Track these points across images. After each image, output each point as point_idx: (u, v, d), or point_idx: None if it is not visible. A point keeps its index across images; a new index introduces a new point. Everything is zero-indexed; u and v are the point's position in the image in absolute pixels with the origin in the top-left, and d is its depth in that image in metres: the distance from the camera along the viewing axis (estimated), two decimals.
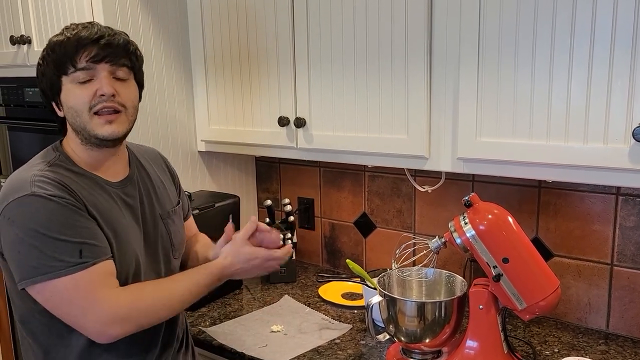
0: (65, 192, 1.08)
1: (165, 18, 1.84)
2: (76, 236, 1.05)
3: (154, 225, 1.26)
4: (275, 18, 1.65)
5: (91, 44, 1.09)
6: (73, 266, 1.03)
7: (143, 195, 1.26)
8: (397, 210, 1.87)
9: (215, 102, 1.87)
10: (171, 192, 1.37)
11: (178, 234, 1.32)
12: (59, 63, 1.10)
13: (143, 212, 1.24)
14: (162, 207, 1.30)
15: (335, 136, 1.59)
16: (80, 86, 1.10)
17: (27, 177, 1.08)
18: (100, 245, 1.08)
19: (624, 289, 1.50)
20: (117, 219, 1.16)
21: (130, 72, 1.17)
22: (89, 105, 1.11)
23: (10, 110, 2.07)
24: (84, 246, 1.05)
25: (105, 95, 1.10)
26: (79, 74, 1.10)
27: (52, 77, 1.12)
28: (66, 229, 1.04)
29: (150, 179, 1.31)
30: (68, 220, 1.05)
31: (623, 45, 1.11)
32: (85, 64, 1.09)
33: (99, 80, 1.10)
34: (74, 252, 1.04)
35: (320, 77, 1.59)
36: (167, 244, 1.28)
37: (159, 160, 1.40)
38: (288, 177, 2.16)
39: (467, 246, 1.25)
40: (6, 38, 1.94)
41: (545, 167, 1.26)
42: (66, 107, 1.13)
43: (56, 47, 1.11)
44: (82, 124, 1.12)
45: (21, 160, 2.06)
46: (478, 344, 1.28)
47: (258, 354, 1.44)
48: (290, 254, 1.30)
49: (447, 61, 1.36)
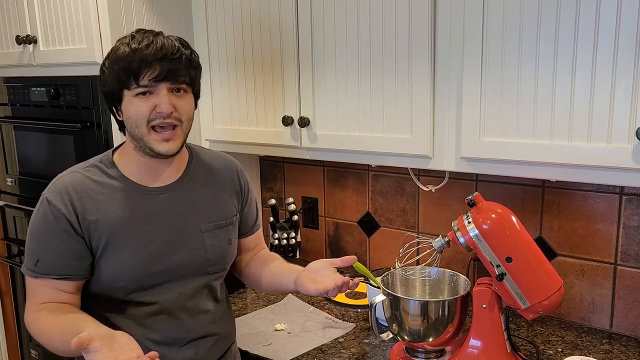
0: (64, 202, 1.16)
1: (170, 18, 1.85)
2: (39, 248, 1.17)
3: (190, 236, 1.25)
4: (279, 18, 1.66)
5: (155, 62, 1.12)
6: (28, 270, 1.19)
7: (184, 206, 1.26)
8: (400, 209, 1.88)
9: (220, 101, 1.88)
10: (229, 205, 1.34)
11: (219, 249, 1.29)
12: (121, 77, 1.13)
13: (177, 222, 1.24)
14: (207, 220, 1.28)
15: (339, 136, 1.59)
16: (140, 98, 1.14)
17: (59, 178, 1.21)
18: (54, 263, 1.16)
19: (627, 288, 1.50)
20: (128, 226, 1.19)
21: (189, 86, 1.20)
22: (148, 119, 1.15)
23: (16, 110, 2.08)
24: (40, 258, 1.17)
25: (163, 113, 1.15)
26: (140, 89, 1.14)
27: (113, 87, 1.16)
28: (39, 237, 1.18)
29: (204, 188, 1.30)
30: (44, 232, 1.17)
31: (627, 44, 1.11)
32: (147, 82, 1.13)
33: (159, 96, 1.14)
34: (33, 260, 1.18)
35: (324, 77, 1.60)
36: (201, 257, 1.26)
37: (229, 170, 1.37)
38: (292, 176, 2.16)
39: (470, 245, 1.25)
40: (12, 38, 1.95)
41: (548, 167, 1.27)
42: (126, 116, 1.18)
43: (121, 60, 1.13)
44: (139, 135, 1.17)
45: (27, 159, 2.08)
46: (481, 343, 1.29)
47: (262, 353, 1.45)
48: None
49: (451, 61, 1.36)
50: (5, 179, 2.21)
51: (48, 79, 1.91)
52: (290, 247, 1.93)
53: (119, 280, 1.19)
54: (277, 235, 1.91)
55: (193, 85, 1.21)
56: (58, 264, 1.16)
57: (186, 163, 1.30)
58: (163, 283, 1.22)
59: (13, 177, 2.17)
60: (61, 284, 1.17)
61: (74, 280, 1.18)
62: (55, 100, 1.89)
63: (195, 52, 1.21)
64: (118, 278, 1.19)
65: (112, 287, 1.20)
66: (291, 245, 1.92)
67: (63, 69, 1.84)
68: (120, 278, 1.18)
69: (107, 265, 1.18)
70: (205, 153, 1.37)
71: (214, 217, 1.29)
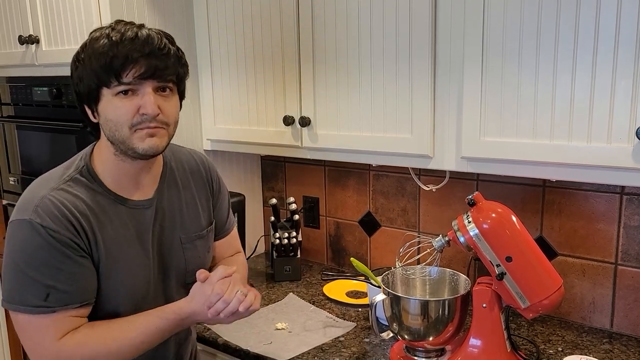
0: (63, 224, 1.02)
1: (172, 17, 1.86)
2: (49, 279, 1.02)
3: (170, 249, 1.19)
4: (280, 18, 1.66)
5: (141, 58, 1.00)
6: (34, 307, 1.02)
7: (166, 218, 1.19)
8: (401, 209, 1.88)
9: (221, 101, 1.89)
10: (205, 212, 1.27)
11: (197, 259, 1.24)
12: (101, 74, 1.00)
13: (161, 236, 1.18)
14: (186, 232, 1.22)
15: (340, 135, 1.60)
16: (121, 98, 1.02)
17: (37, 197, 1.04)
18: (71, 292, 1.04)
19: (628, 288, 1.50)
20: (124, 246, 1.11)
21: (175, 86, 1.09)
22: (131, 122, 1.03)
23: (19, 109, 2.09)
24: (52, 291, 1.02)
25: (148, 115, 1.03)
26: (122, 87, 1.01)
27: (90, 84, 1.03)
28: (43, 267, 1.02)
29: (183, 195, 1.23)
30: (49, 259, 1.02)
31: (627, 45, 1.12)
32: (131, 79, 1.00)
33: (143, 97, 1.02)
34: (40, 294, 1.02)
35: (325, 77, 1.60)
36: (181, 271, 1.22)
37: (200, 172, 1.29)
38: (293, 175, 2.16)
39: (470, 245, 1.25)
40: (15, 38, 1.96)
41: (549, 167, 1.27)
42: (104, 118, 1.05)
43: (101, 55, 1.00)
44: (120, 138, 1.05)
45: (29, 158, 2.09)
46: (481, 342, 1.29)
47: (263, 351, 1.46)
48: (252, 307, 1.13)
49: (452, 61, 1.36)
50: (8, 178, 2.21)
51: (50, 78, 1.92)
52: (291, 247, 1.93)
53: (116, 302, 1.11)
54: (278, 234, 1.92)
55: (179, 85, 1.11)
56: (76, 290, 1.04)
57: (162, 166, 1.21)
58: (151, 301, 1.16)
59: (16, 176, 2.18)
60: (79, 311, 1.06)
61: (91, 303, 1.08)
62: (57, 99, 1.89)
63: (180, 49, 1.10)
64: (117, 299, 1.11)
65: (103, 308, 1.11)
66: (292, 244, 1.93)
67: (65, 68, 1.82)
68: (119, 299, 1.12)
69: (106, 285, 1.10)
70: (177, 152, 1.28)
71: (194, 228, 1.23)
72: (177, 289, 1.23)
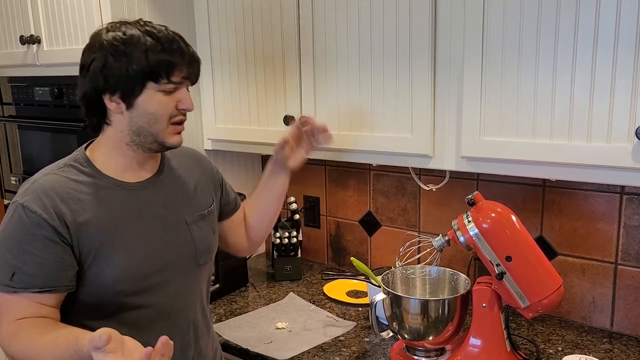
0: (44, 204, 1.07)
1: (172, 17, 1.86)
2: (17, 259, 1.06)
3: (177, 230, 1.22)
4: (281, 17, 1.67)
5: (186, 64, 1.13)
6: (3, 285, 1.07)
7: (169, 198, 1.23)
8: (401, 208, 1.88)
9: (222, 100, 1.89)
10: (206, 193, 1.33)
11: (204, 239, 1.27)
12: (155, 69, 1.09)
13: (163, 215, 1.20)
14: (190, 212, 1.26)
15: (340, 135, 1.60)
16: (166, 95, 1.13)
17: (30, 181, 1.12)
18: (35, 275, 1.06)
19: (628, 287, 1.50)
20: (120, 225, 1.13)
21: None
22: (170, 115, 1.14)
23: (20, 109, 2.09)
24: (17, 271, 1.06)
25: (188, 110, 1.16)
26: (170, 86, 1.12)
27: (135, 77, 1.09)
28: (14, 247, 1.07)
29: (182, 181, 1.28)
30: (21, 241, 1.07)
31: (626, 44, 1.12)
32: (178, 79, 1.12)
33: (182, 93, 1.15)
34: (8, 272, 1.07)
35: (325, 76, 1.60)
36: (190, 251, 1.24)
37: (196, 159, 1.37)
38: (293, 175, 2.16)
39: (470, 244, 1.25)
40: (16, 38, 1.96)
41: (548, 166, 1.27)
42: (142, 110, 1.12)
43: (157, 53, 1.09)
44: (154, 131, 1.14)
45: (31, 158, 2.09)
46: (481, 341, 1.29)
47: (263, 351, 1.46)
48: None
49: (452, 60, 1.37)
50: (10, 177, 2.22)
51: (52, 78, 1.92)
52: (292, 246, 1.93)
53: (114, 285, 1.12)
54: (279, 234, 1.92)
55: None
56: (40, 275, 1.07)
57: (160, 156, 1.26)
58: (159, 283, 1.17)
59: (17, 175, 2.18)
60: (43, 297, 1.08)
61: (58, 292, 1.09)
62: (58, 99, 1.90)
63: None
64: (113, 282, 1.11)
65: (106, 293, 1.12)
66: (292, 244, 1.93)
67: (67, 68, 1.85)
68: (116, 282, 1.11)
69: (100, 270, 1.11)
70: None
71: (196, 207, 1.27)
72: (190, 269, 1.24)
